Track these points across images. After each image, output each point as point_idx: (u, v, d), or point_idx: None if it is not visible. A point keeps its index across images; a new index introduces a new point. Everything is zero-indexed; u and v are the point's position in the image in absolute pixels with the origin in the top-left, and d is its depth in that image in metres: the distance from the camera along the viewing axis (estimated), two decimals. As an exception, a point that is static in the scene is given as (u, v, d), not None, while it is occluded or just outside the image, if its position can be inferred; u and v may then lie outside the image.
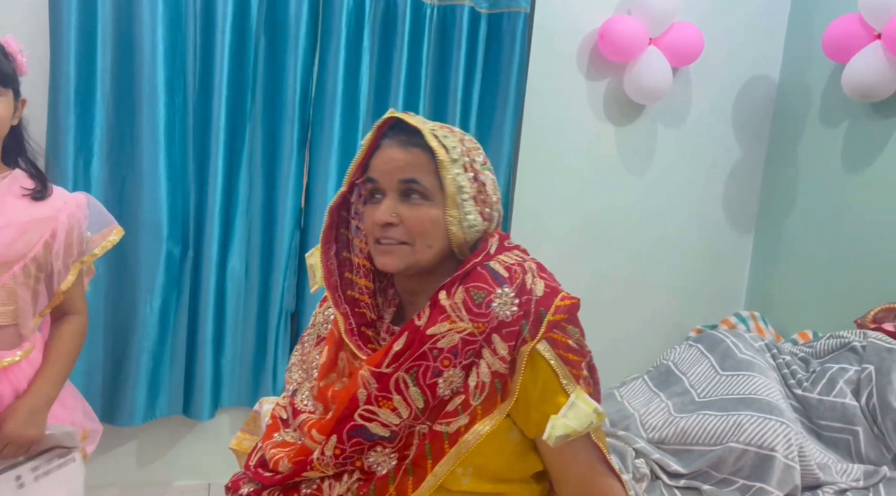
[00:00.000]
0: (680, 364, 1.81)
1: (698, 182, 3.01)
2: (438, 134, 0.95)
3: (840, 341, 1.89)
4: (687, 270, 3.05)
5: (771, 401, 1.58)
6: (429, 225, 0.94)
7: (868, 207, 2.63)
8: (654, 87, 2.66)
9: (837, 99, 2.72)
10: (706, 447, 1.50)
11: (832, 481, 1.54)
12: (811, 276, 2.88)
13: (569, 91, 2.76)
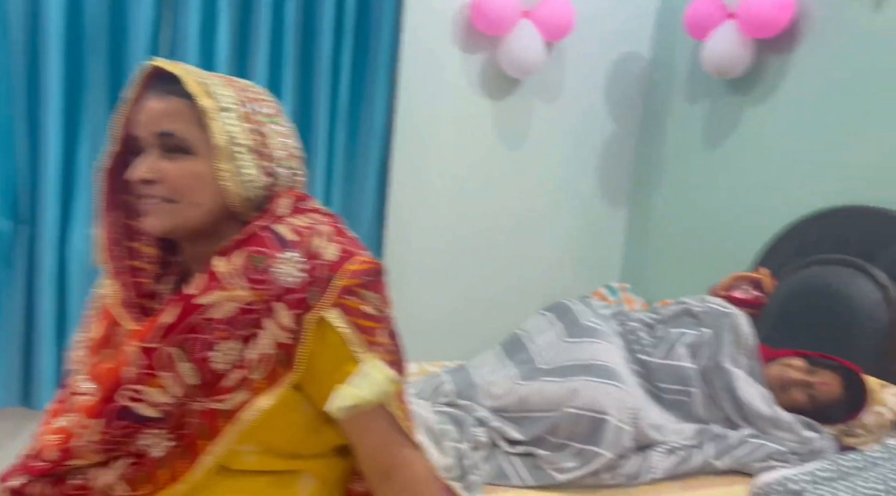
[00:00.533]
0: (529, 332, 1.83)
1: (573, 157, 3.06)
2: (208, 82, 0.88)
3: (682, 307, 1.97)
4: (563, 244, 3.12)
5: (609, 366, 1.62)
6: (192, 180, 0.87)
7: (725, 181, 2.76)
8: (527, 60, 2.67)
9: (700, 76, 2.82)
10: (544, 413, 1.53)
11: (665, 440, 1.61)
12: (677, 248, 3.00)
13: (444, 63, 2.73)
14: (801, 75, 2.46)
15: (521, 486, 1.43)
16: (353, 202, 2.58)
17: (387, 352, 0.91)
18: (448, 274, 2.87)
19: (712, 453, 1.59)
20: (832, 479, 1.31)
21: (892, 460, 1.37)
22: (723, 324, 1.85)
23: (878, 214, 2.16)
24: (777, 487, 1.29)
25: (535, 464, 1.47)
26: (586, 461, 1.45)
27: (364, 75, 2.48)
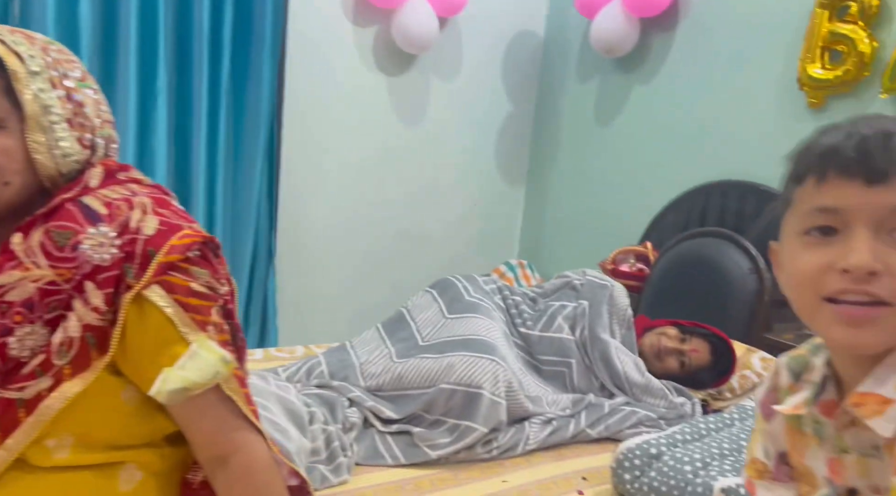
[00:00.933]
0: (413, 310, 1.81)
1: (472, 135, 3.06)
2: (7, 39, 0.79)
3: (564, 281, 2.00)
4: (462, 221, 3.12)
5: (487, 340, 1.62)
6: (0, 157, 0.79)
7: (617, 158, 2.82)
8: (421, 35, 2.62)
9: (590, 55, 2.86)
10: (420, 390, 1.51)
11: (541, 412, 1.63)
12: (570, 224, 3.06)
13: (335, 36, 2.65)
14: (681, 54, 2.53)
15: (394, 465, 1.41)
16: (241, 183, 2.48)
17: (220, 332, 0.85)
18: (344, 254, 2.82)
19: (586, 422, 1.63)
20: (688, 441, 1.37)
21: (744, 420, 1.45)
22: (600, 295, 1.89)
23: (750, 189, 2.26)
24: (637, 451, 1.33)
25: (409, 443, 1.45)
26: (461, 436, 1.45)
27: (247, 49, 2.37)
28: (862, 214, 0.59)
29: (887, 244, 0.59)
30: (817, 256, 0.61)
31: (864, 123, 0.62)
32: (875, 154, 0.59)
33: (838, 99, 2.01)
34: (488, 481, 1.40)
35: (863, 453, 0.66)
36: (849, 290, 0.59)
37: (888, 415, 0.60)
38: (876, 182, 0.58)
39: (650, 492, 1.28)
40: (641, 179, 2.69)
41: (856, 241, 0.59)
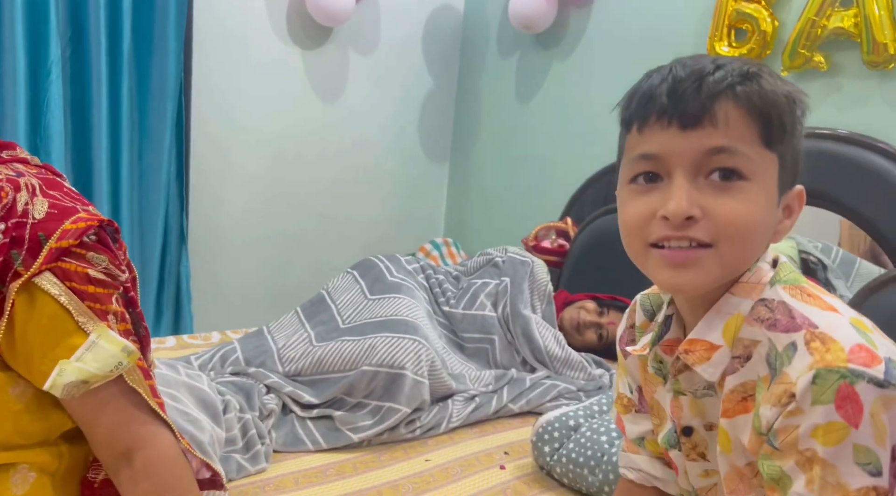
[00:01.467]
0: (333, 292, 1.77)
1: (394, 111, 3.00)
2: None
3: (486, 258, 2.01)
4: (386, 200, 3.08)
5: (409, 320, 1.61)
6: None
7: (538, 134, 2.84)
8: (336, 7, 2.54)
9: (510, 31, 2.85)
10: (340, 374, 1.49)
11: (464, 389, 1.64)
12: (493, 201, 3.07)
13: (245, 5, 2.53)
14: (597, 32, 2.56)
15: (316, 451, 1.38)
16: (148, 162, 2.34)
17: (121, 321, 0.80)
18: (262, 236, 2.73)
19: (508, 397, 1.65)
20: (605, 412, 1.41)
21: (658, 390, 1.50)
22: (521, 272, 1.91)
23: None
24: (556, 424, 1.35)
25: (331, 427, 1.43)
26: (384, 418, 1.43)
27: (150, 16, 2.23)
28: (679, 159, 0.59)
29: (704, 188, 0.59)
30: (642, 204, 0.62)
31: (681, 65, 0.62)
32: (687, 98, 0.59)
33: (744, 77, 2.08)
34: (412, 461, 1.39)
35: (697, 394, 0.67)
36: (671, 237, 0.60)
37: (714, 360, 0.62)
38: (689, 126, 0.59)
39: (568, 464, 1.30)
40: (561, 156, 2.72)
41: (674, 189, 0.59)
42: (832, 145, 1.82)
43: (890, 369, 0.54)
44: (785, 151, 0.62)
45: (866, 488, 0.53)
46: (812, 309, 0.59)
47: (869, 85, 1.80)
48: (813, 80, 1.91)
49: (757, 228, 0.60)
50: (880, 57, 1.73)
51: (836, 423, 0.53)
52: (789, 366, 0.56)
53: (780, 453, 0.57)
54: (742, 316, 0.62)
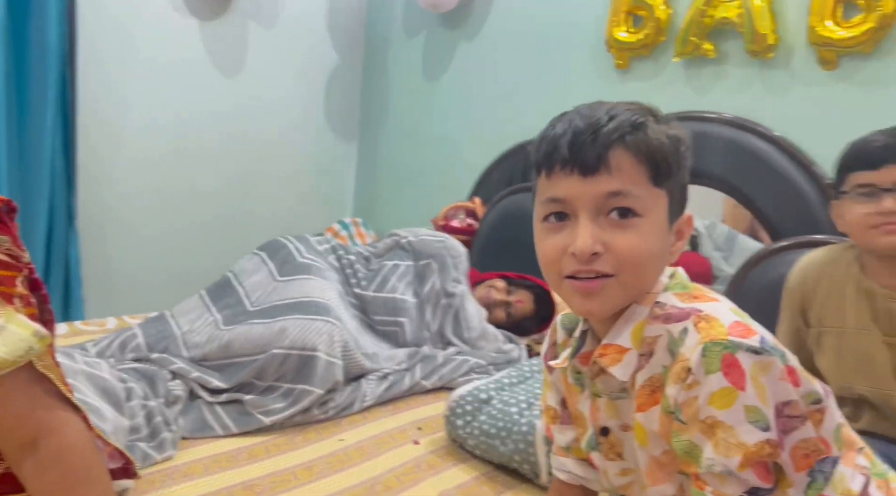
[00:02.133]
0: (240, 274, 1.72)
1: (300, 88, 2.93)
2: None
3: (394, 240, 2.02)
4: (293, 179, 3.00)
5: (321, 301, 1.59)
6: None
7: (445, 114, 2.85)
8: (235, -24, 2.43)
9: (416, 9, 2.84)
10: (250, 357, 1.45)
11: (378, 368, 1.65)
12: (403, 180, 3.07)
13: (134, -28, 2.37)
14: (501, 14, 2.59)
15: (226, 435, 1.35)
16: (30, 136, 2.16)
17: (27, 305, 0.76)
18: (157, 216, 2.60)
19: (421, 374, 1.67)
20: (514, 384, 1.46)
21: (563, 361, 1.57)
22: (440, 251, 1.93)
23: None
24: (468, 398, 1.39)
25: (241, 411, 1.40)
26: (296, 400, 1.42)
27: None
28: (582, 202, 0.68)
29: (605, 225, 0.68)
30: (554, 241, 0.70)
31: (580, 116, 0.70)
32: (586, 150, 0.67)
33: (640, 61, 2.18)
34: (325, 442, 1.39)
35: (612, 396, 0.76)
36: (580, 271, 0.69)
37: (624, 362, 0.71)
38: (589, 174, 0.67)
39: (480, 435, 1.34)
40: (469, 136, 2.76)
41: (579, 228, 0.68)
42: (718, 128, 1.95)
43: (764, 339, 0.64)
44: (672, 187, 0.71)
45: (761, 442, 0.61)
46: (697, 302, 0.69)
47: (751, 72, 1.93)
48: (702, 67, 2.03)
49: (651, 257, 0.70)
50: (761, 46, 1.86)
51: (726, 389, 0.61)
52: (684, 347, 0.65)
53: (685, 426, 0.64)
54: (643, 320, 0.71)
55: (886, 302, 1.16)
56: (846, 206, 1.17)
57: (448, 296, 1.89)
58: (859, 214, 1.14)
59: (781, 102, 1.87)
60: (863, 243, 1.17)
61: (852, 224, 1.16)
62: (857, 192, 1.14)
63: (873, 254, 1.17)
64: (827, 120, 1.79)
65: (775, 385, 0.62)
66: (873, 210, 1.12)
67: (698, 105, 2.04)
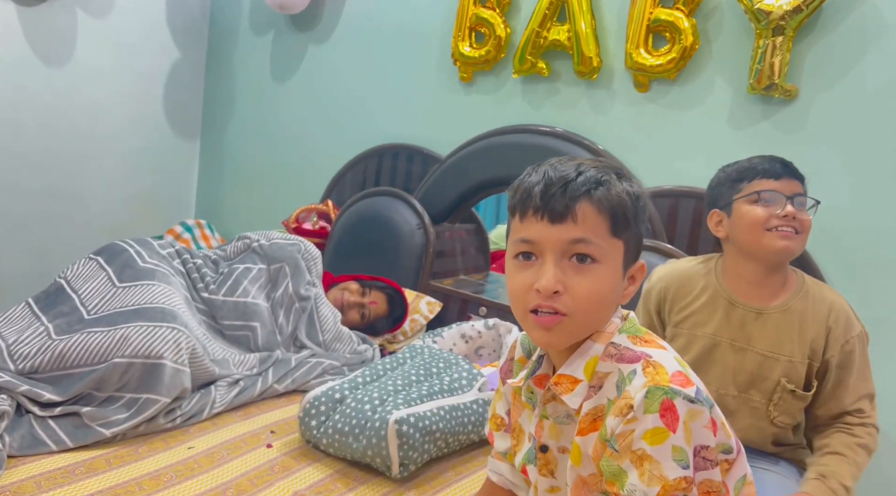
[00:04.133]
0: (74, 281, 1.61)
1: (135, 81, 2.77)
2: None
3: (245, 243, 1.99)
4: (128, 177, 2.84)
5: (166, 308, 1.54)
6: None
7: (296, 115, 2.84)
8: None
9: (264, 8, 2.81)
10: (88, 368, 1.38)
11: (228, 374, 1.62)
12: (251, 182, 3.01)
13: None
14: (351, 21, 2.64)
15: (60, 451, 1.27)
16: None
17: None
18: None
19: (273, 378, 1.67)
20: (368, 383, 1.51)
21: (414, 358, 1.64)
22: (293, 254, 1.93)
23: (416, 152, 2.51)
24: (322, 398, 1.42)
25: (78, 424, 1.32)
26: (141, 409, 1.37)
27: None
28: (549, 246, 0.77)
29: (566, 268, 0.78)
30: (523, 278, 0.79)
31: (553, 169, 0.80)
32: (555, 200, 0.77)
33: (483, 75, 2.33)
34: (173, 450, 1.35)
35: (558, 421, 0.85)
36: (542, 306, 0.78)
37: (576, 392, 0.80)
38: (557, 221, 0.77)
39: (335, 434, 1.38)
40: (320, 139, 2.77)
41: (545, 268, 0.77)
42: (551, 141, 2.14)
43: (700, 391, 0.75)
44: (629, 237, 0.80)
45: (679, 478, 0.71)
46: (647, 348, 0.79)
47: (579, 91, 2.14)
48: (537, 84, 2.22)
49: (604, 300, 0.79)
50: (587, 68, 2.07)
51: (659, 428, 0.72)
52: (630, 386, 0.75)
53: (618, 454, 0.74)
54: (597, 356, 0.81)
55: (742, 312, 1.32)
56: (743, 210, 1.28)
57: (302, 299, 1.90)
58: (760, 216, 1.26)
59: (603, 119, 2.10)
60: (756, 244, 1.28)
61: (750, 225, 1.27)
62: (758, 197, 1.27)
63: (760, 256, 1.29)
64: (640, 136, 2.04)
65: (700, 431, 0.73)
66: (774, 213, 1.25)
67: (534, 118, 2.22)
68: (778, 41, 1.72)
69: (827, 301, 1.32)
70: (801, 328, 1.30)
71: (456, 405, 1.46)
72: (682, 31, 1.89)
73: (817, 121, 1.75)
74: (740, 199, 1.31)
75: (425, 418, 1.37)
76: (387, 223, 2.40)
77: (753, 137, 1.84)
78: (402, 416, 1.33)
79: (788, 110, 1.79)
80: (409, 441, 1.32)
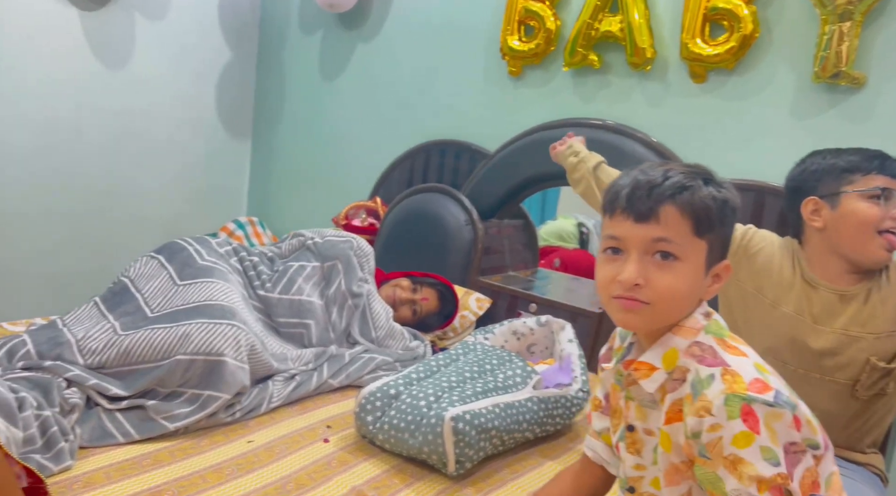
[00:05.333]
0: (137, 280, 1.66)
1: (188, 82, 2.84)
2: None
3: (300, 240, 2.01)
4: (183, 177, 2.91)
5: (225, 305, 1.57)
6: None
7: (341, 114, 2.87)
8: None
9: (312, 7, 2.83)
10: (152, 364, 1.41)
11: (286, 369, 1.65)
12: (300, 180, 3.05)
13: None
14: (399, 17, 2.65)
15: (127, 443, 1.31)
16: None
17: None
18: (34, 215, 2.44)
19: (328, 373, 1.69)
20: (422, 379, 1.51)
21: (466, 354, 1.64)
22: (345, 251, 1.94)
23: (464, 148, 2.50)
24: (378, 394, 1.43)
25: (143, 417, 1.36)
26: (203, 406, 1.40)
27: None
28: (634, 242, 0.84)
29: (648, 264, 0.84)
30: (609, 269, 0.87)
31: (642, 172, 0.86)
32: (640, 201, 0.84)
33: (532, 69, 2.30)
34: (233, 444, 1.38)
35: (643, 404, 0.91)
36: (624, 296, 0.85)
37: (653, 378, 0.87)
38: (641, 221, 0.84)
39: (391, 430, 1.39)
40: (368, 136, 2.78)
41: (628, 263, 0.84)
42: (603, 134, 2.10)
43: (778, 395, 0.78)
44: (714, 238, 0.86)
45: (774, 474, 0.76)
46: (729, 355, 0.83)
47: (631, 83, 2.10)
48: (588, 77, 2.18)
49: (682, 295, 0.85)
50: (640, 59, 2.03)
51: (745, 432, 0.76)
52: (708, 390, 0.80)
53: (711, 462, 0.79)
54: (677, 350, 0.86)
55: (825, 294, 1.28)
56: (856, 205, 1.22)
57: (354, 296, 1.91)
58: (874, 215, 1.19)
59: (658, 111, 2.05)
60: (860, 246, 1.22)
61: (861, 223, 1.21)
62: (879, 194, 1.19)
63: (859, 259, 1.24)
64: (696, 128, 1.98)
65: (784, 430, 0.77)
66: (890, 214, 1.19)
67: (585, 112, 2.19)
68: (845, 27, 1.65)
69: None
70: (884, 305, 1.25)
71: (511, 403, 1.45)
72: (741, 18, 1.83)
73: (887, 110, 1.67)
74: (854, 192, 1.24)
75: (481, 416, 1.36)
76: (435, 219, 2.41)
77: (818, 127, 1.77)
78: (457, 413, 1.33)
79: (856, 99, 1.72)
80: (465, 438, 1.31)
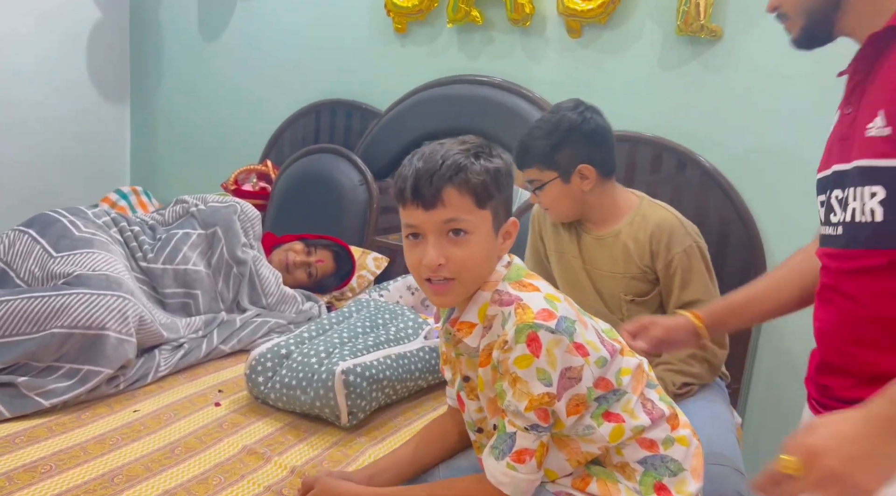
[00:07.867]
0: (12, 261, 1.55)
1: (53, 45, 2.64)
2: None
3: (183, 207, 1.94)
4: (54, 146, 2.73)
5: (111, 275, 1.51)
6: None
7: (224, 74, 2.76)
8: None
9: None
10: (24, 337, 1.34)
11: (176, 337, 1.61)
12: (186, 145, 2.93)
13: None
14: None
15: (-1, 422, 1.25)
16: None
17: None
18: None
19: (218, 339, 1.66)
20: (314, 337, 1.52)
21: (360, 311, 1.66)
22: (228, 217, 1.89)
23: (355, 107, 2.47)
24: (268, 355, 1.42)
25: (14, 394, 1.29)
26: (83, 380, 1.35)
27: None
28: (428, 227, 0.92)
29: (445, 243, 0.92)
30: (414, 254, 0.94)
31: (421, 160, 0.92)
32: (423, 189, 0.91)
33: (417, 25, 2.30)
34: (117, 415, 1.35)
35: (470, 355, 1.00)
36: (432, 277, 0.93)
37: (474, 333, 0.97)
38: (430, 208, 0.91)
39: (282, 388, 1.39)
40: (256, 97, 2.70)
41: (427, 247, 0.92)
42: (488, 90, 2.13)
43: (560, 323, 0.90)
44: (496, 205, 0.95)
45: (542, 393, 0.88)
46: (523, 292, 0.94)
47: (513, 38, 2.14)
48: (472, 33, 2.20)
49: (480, 263, 0.94)
50: (520, 15, 2.06)
51: (526, 355, 0.88)
52: (507, 325, 0.91)
53: (500, 376, 0.92)
54: (487, 302, 0.96)
55: (587, 238, 1.48)
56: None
57: (239, 263, 1.86)
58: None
59: (538, 66, 2.11)
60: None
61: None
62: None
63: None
64: (574, 82, 2.05)
65: (563, 356, 0.89)
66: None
67: (471, 69, 2.21)
68: (702, -19, 1.74)
69: (651, 222, 1.42)
70: (626, 251, 1.44)
71: (402, 353, 1.49)
72: (611, -26, 1.89)
73: (741, 59, 1.80)
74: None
75: (372, 367, 1.39)
76: (328, 181, 2.38)
77: (683, 77, 1.88)
78: (348, 367, 1.35)
79: (715, 50, 1.83)
80: (356, 390, 1.34)
